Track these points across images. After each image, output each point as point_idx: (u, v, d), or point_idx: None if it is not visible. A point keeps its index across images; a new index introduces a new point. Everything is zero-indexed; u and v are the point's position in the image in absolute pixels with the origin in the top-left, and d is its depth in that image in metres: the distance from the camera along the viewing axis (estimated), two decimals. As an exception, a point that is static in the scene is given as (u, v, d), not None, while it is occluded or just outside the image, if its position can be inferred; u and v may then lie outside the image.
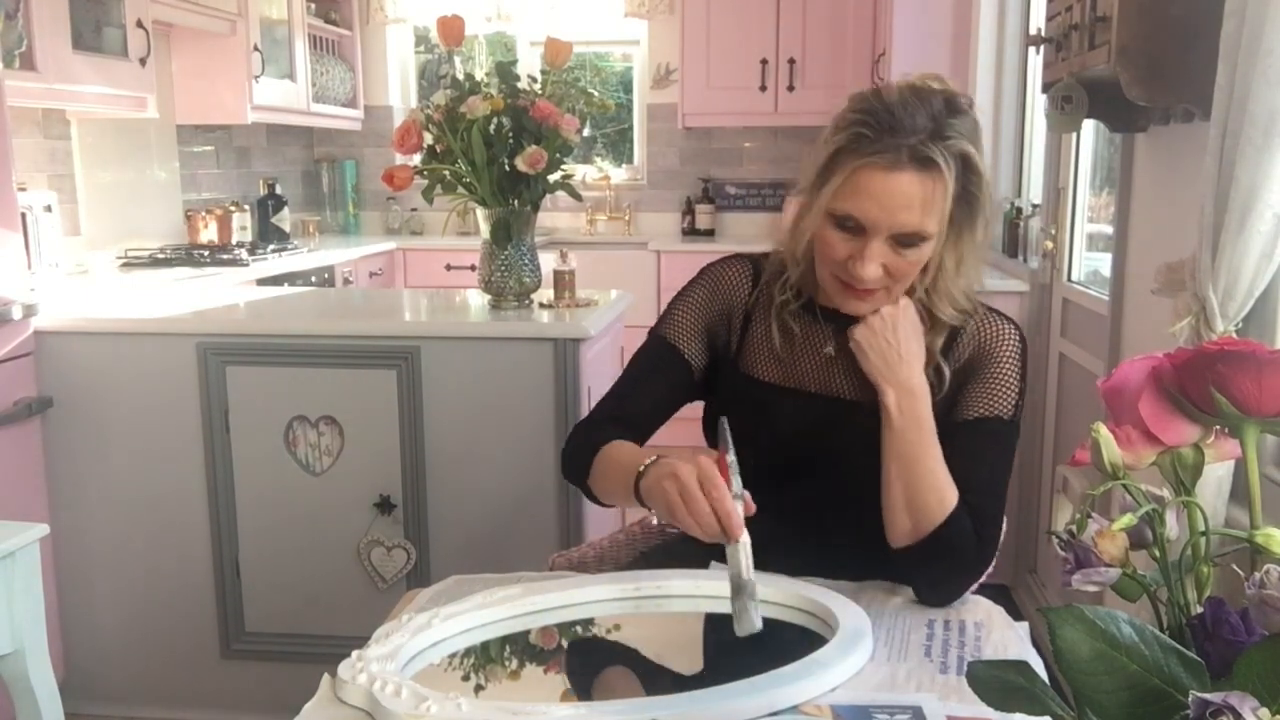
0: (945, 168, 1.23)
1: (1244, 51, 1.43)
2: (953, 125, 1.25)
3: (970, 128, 1.27)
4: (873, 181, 1.24)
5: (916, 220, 1.25)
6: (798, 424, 1.38)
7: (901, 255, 1.27)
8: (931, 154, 1.22)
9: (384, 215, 5.44)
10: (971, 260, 1.33)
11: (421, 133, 2.30)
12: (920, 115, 1.24)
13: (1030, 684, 0.64)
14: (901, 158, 1.23)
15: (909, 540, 1.27)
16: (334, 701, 1.03)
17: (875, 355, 1.31)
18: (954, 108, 1.26)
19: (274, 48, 4.31)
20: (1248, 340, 0.71)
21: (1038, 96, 2.99)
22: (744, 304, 1.44)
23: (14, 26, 2.76)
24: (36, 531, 1.80)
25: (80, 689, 2.48)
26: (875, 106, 1.25)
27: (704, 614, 1.29)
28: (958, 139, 1.24)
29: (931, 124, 1.24)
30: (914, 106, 1.24)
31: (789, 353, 1.40)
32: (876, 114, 1.24)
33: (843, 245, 1.28)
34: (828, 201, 1.27)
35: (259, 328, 2.45)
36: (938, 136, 1.23)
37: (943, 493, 1.26)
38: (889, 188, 1.23)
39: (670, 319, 1.47)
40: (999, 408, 1.32)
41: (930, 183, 1.24)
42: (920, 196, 1.24)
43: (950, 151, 1.23)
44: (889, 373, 1.30)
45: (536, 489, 2.34)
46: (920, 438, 1.28)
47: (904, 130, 1.23)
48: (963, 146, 1.24)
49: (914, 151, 1.23)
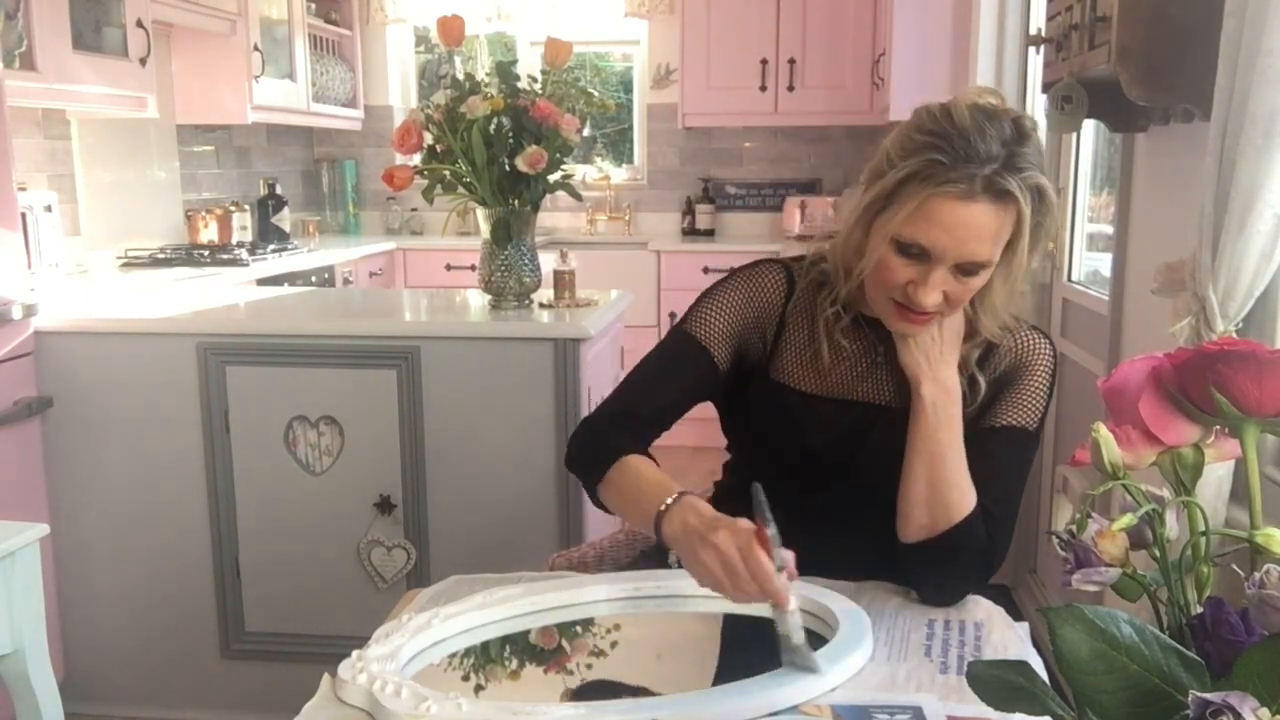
0: (1022, 201, 1.20)
1: (1244, 51, 1.43)
2: (1024, 155, 1.21)
3: (1038, 154, 1.23)
4: (946, 212, 1.20)
5: (986, 251, 1.22)
6: (828, 433, 1.37)
7: (962, 282, 1.24)
8: (1009, 186, 1.18)
9: (384, 215, 5.44)
10: (1022, 283, 1.31)
11: (421, 133, 2.30)
12: (994, 142, 1.19)
13: (1030, 684, 0.64)
14: (976, 188, 1.18)
15: (924, 536, 1.28)
16: (334, 701, 1.03)
17: (919, 349, 1.31)
18: (1022, 133, 1.22)
19: (274, 48, 4.31)
20: (1248, 340, 0.71)
21: (1038, 96, 2.99)
22: (779, 311, 1.40)
23: (14, 26, 2.76)
24: (36, 531, 1.80)
25: (80, 689, 2.48)
26: (949, 131, 1.20)
27: (706, 614, 1.29)
28: (1031, 170, 1.21)
29: (1004, 151, 1.19)
30: (987, 131, 1.19)
31: (833, 364, 1.37)
32: (950, 139, 1.19)
33: (904, 271, 1.24)
34: (895, 228, 1.23)
35: (259, 328, 2.45)
36: (1012, 167, 1.19)
37: (964, 492, 1.27)
38: (962, 219, 1.19)
39: (702, 319, 1.41)
40: (1025, 418, 1.34)
41: (1004, 214, 1.20)
42: (993, 228, 1.21)
43: (1026, 184, 1.20)
44: (929, 368, 1.30)
45: (536, 489, 2.34)
46: (951, 437, 1.29)
47: (979, 159, 1.18)
48: (1038, 179, 1.21)
49: (989, 182, 1.18)
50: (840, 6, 4.79)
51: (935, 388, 1.30)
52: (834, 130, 5.07)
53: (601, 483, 1.34)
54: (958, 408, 1.30)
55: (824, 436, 1.37)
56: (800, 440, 1.38)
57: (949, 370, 1.31)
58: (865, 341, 1.38)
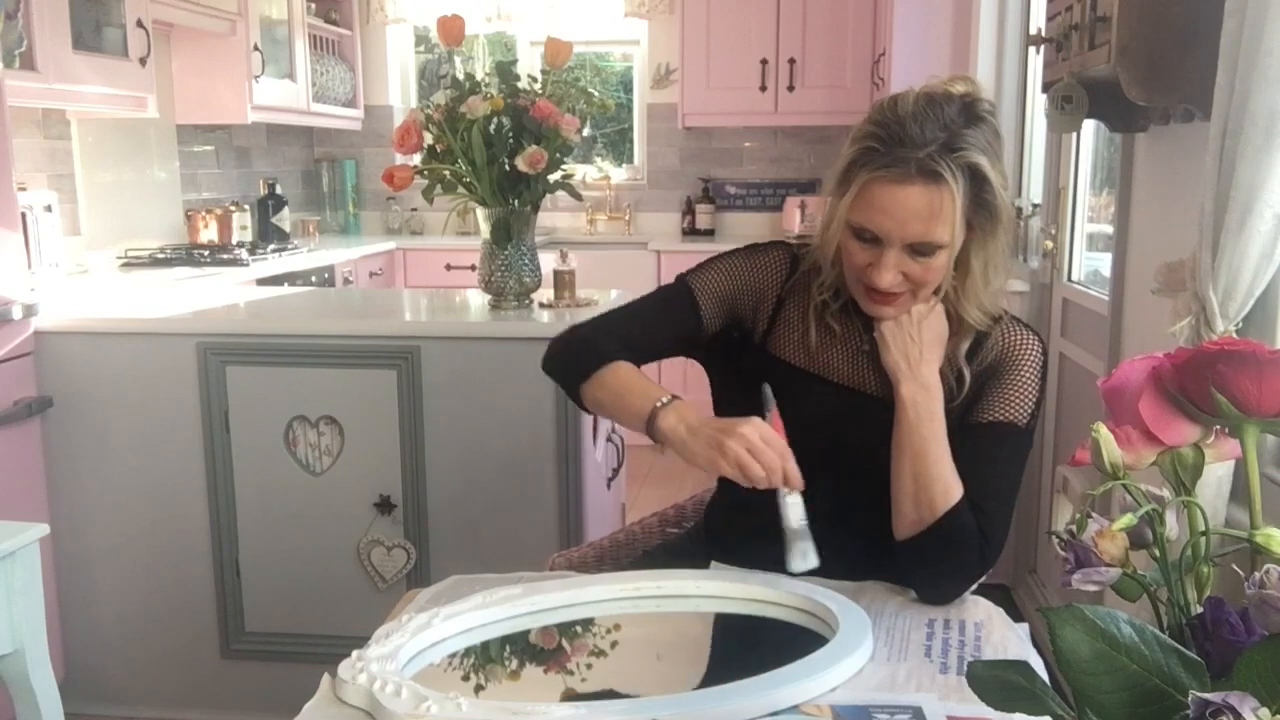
0: (951, 180, 1.24)
1: (1244, 51, 1.43)
2: (966, 135, 1.25)
3: (986, 136, 1.28)
4: (883, 195, 1.26)
5: (927, 231, 1.26)
6: (820, 410, 1.40)
7: (919, 263, 1.29)
8: (938, 167, 1.24)
9: (384, 215, 5.44)
10: (998, 264, 1.34)
11: (421, 133, 2.30)
12: (932, 126, 1.25)
13: (1030, 684, 0.64)
14: (910, 171, 1.24)
15: (913, 532, 1.29)
16: (334, 701, 1.03)
17: (897, 350, 1.33)
18: (971, 115, 1.27)
19: (274, 48, 4.31)
20: (1248, 340, 0.71)
21: (1038, 96, 2.99)
22: (779, 288, 1.46)
23: (14, 26, 2.76)
24: (36, 531, 1.80)
25: (80, 689, 2.48)
26: (888, 119, 1.27)
27: (705, 614, 1.29)
28: (967, 150, 1.25)
29: (944, 134, 1.25)
30: (925, 117, 1.25)
31: (822, 346, 1.42)
32: (888, 126, 1.26)
33: (862, 254, 1.31)
34: (845, 213, 1.30)
35: (259, 328, 2.45)
36: (948, 148, 1.24)
37: (948, 486, 1.28)
38: (899, 200, 1.26)
39: (702, 274, 1.48)
40: (1014, 414, 1.34)
41: (938, 195, 1.25)
42: (928, 209, 1.25)
43: (958, 164, 1.24)
44: (908, 368, 1.32)
45: (536, 489, 2.34)
46: (931, 433, 1.30)
47: (912, 143, 1.24)
48: (971, 158, 1.25)
49: (921, 165, 1.24)
50: (840, 6, 4.79)
51: (915, 387, 1.31)
52: (834, 130, 5.06)
53: (588, 382, 1.40)
54: (938, 404, 1.31)
55: (814, 411, 1.39)
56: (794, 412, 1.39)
57: (929, 370, 1.32)
58: (854, 329, 1.41)
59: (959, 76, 1.33)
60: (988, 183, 1.27)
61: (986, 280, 1.34)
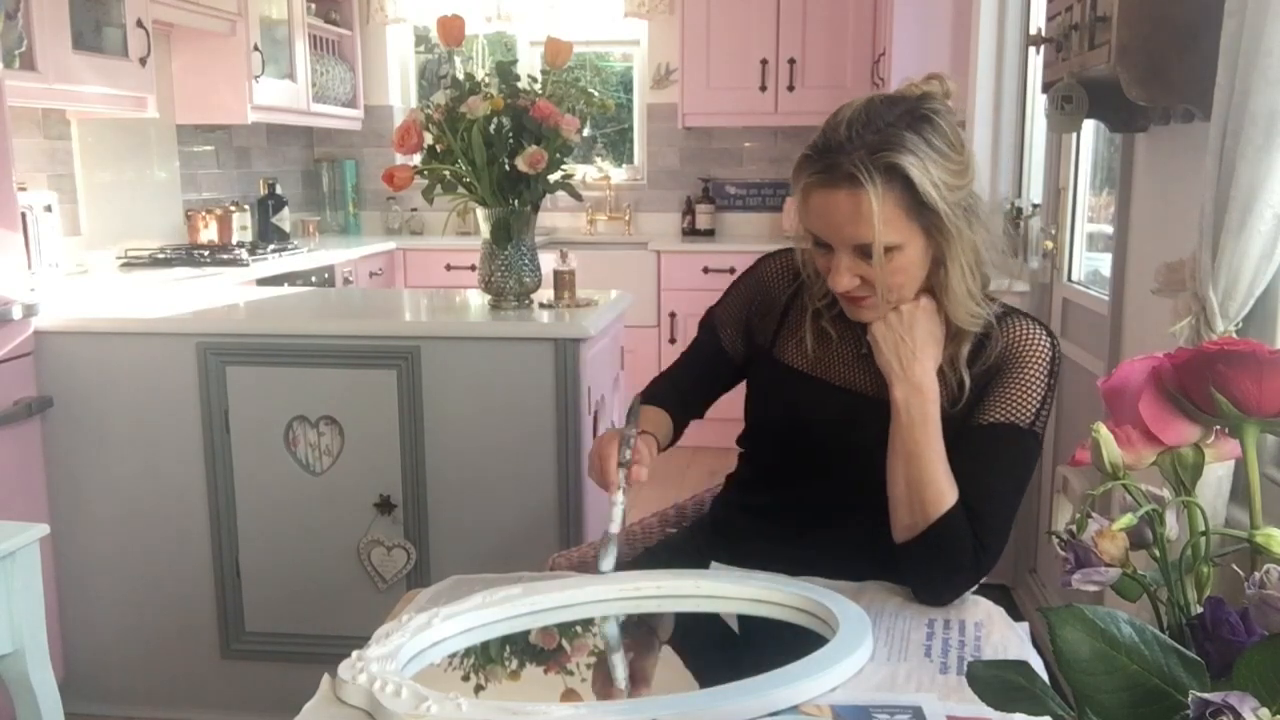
0: (869, 182, 1.24)
1: (1244, 51, 1.43)
2: (898, 137, 1.24)
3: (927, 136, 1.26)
4: (817, 200, 1.29)
5: (858, 234, 1.27)
6: (823, 413, 1.41)
7: (872, 266, 1.28)
8: (855, 170, 1.24)
9: (384, 215, 5.44)
10: (971, 265, 1.32)
11: (421, 133, 2.30)
12: (865, 130, 1.25)
13: (1030, 684, 0.64)
14: (835, 175, 1.26)
15: (908, 535, 1.29)
16: (334, 701, 1.03)
17: (889, 351, 1.33)
18: (914, 116, 1.27)
19: (274, 48, 4.31)
20: (1248, 340, 0.71)
21: (1038, 96, 2.99)
22: (785, 296, 1.49)
23: (14, 26, 2.76)
24: (36, 531, 1.80)
25: (80, 689, 2.48)
26: (827, 125, 1.29)
27: (707, 614, 1.29)
28: (890, 152, 1.24)
29: (875, 137, 1.25)
30: (861, 121, 1.26)
31: (821, 351, 1.43)
32: (825, 132, 1.29)
33: (821, 259, 1.35)
34: (800, 220, 1.34)
35: (259, 328, 2.45)
36: (871, 150, 1.24)
37: (940, 491, 1.27)
38: (830, 204, 1.28)
39: (717, 307, 1.58)
40: (1016, 414, 1.31)
41: (861, 198, 1.25)
42: (854, 212, 1.26)
43: (877, 165, 1.24)
44: (900, 369, 1.32)
45: (536, 489, 2.34)
46: (925, 436, 1.29)
47: (840, 148, 1.26)
48: (891, 159, 1.24)
49: (842, 168, 1.25)
50: (840, 6, 4.79)
51: (907, 388, 1.30)
52: (834, 130, 5.06)
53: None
54: (933, 407, 1.30)
55: (818, 414, 1.41)
56: (796, 414, 1.43)
57: (922, 370, 1.31)
58: (853, 332, 1.42)
59: (934, 75, 1.33)
60: (911, 182, 1.25)
61: (964, 282, 1.32)
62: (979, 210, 1.32)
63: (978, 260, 1.34)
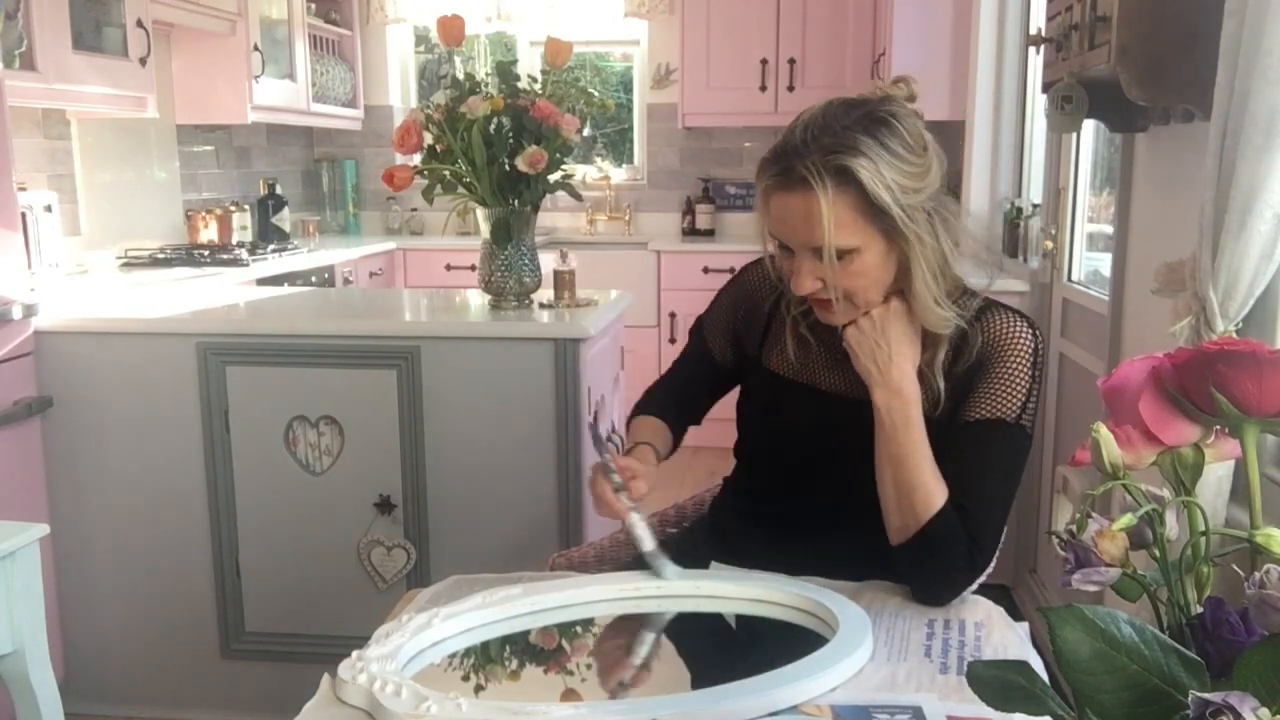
0: (817, 185, 1.23)
1: (1244, 51, 1.43)
2: (851, 140, 1.23)
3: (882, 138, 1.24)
4: (774, 203, 1.29)
5: (811, 236, 1.26)
6: (811, 419, 1.41)
7: (834, 269, 1.27)
8: (805, 173, 1.24)
9: (384, 215, 5.44)
10: (937, 267, 1.30)
11: (421, 133, 2.30)
12: (821, 133, 1.25)
13: (1030, 684, 0.64)
14: (790, 179, 1.26)
15: (901, 538, 1.28)
16: (334, 701, 1.03)
17: (865, 356, 1.32)
18: (871, 119, 1.25)
19: (274, 48, 4.31)
20: (1248, 340, 0.71)
21: (1038, 96, 2.99)
22: (768, 303, 1.50)
23: (14, 26, 2.76)
24: (36, 531, 1.80)
25: (80, 689, 2.48)
26: (787, 128, 1.30)
27: (708, 614, 1.29)
28: (841, 154, 1.23)
29: (830, 139, 1.24)
30: (817, 125, 1.26)
31: (802, 356, 1.44)
32: (784, 136, 1.29)
33: (785, 262, 1.35)
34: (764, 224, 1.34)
35: (259, 328, 2.45)
36: (823, 152, 1.23)
37: (929, 493, 1.26)
38: (787, 207, 1.27)
39: (705, 317, 1.60)
40: (1002, 409, 1.30)
41: (810, 200, 1.24)
42: (805, 214, 1.25)
43: (826, 168, 1.23)
44: (878, 373, 1.31)
45: (536, 489, 2.34)
46: (909, 439, 1.28)
47: (794, 151, 1.26)
48: (841, 161, 1.23)
49: (794, 171, 1.25)
50: (840, 6, 4.79)
51: (887, 393, 1.30)
52: (834, 130, 5.06)
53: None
54: (915, 409, 1.29)
55: (803, 420, 1.42)
56: (787, 423, 1.44)
57: (900, 372, 1.30)
58: (832, 337, 1.41)
59: (900, 78, 1.32)
60: (860, 185, 1.23)
61: (927, 286, 1.29)
62: (946, 213, 1.30)
63: (943, 264, 1.31)
